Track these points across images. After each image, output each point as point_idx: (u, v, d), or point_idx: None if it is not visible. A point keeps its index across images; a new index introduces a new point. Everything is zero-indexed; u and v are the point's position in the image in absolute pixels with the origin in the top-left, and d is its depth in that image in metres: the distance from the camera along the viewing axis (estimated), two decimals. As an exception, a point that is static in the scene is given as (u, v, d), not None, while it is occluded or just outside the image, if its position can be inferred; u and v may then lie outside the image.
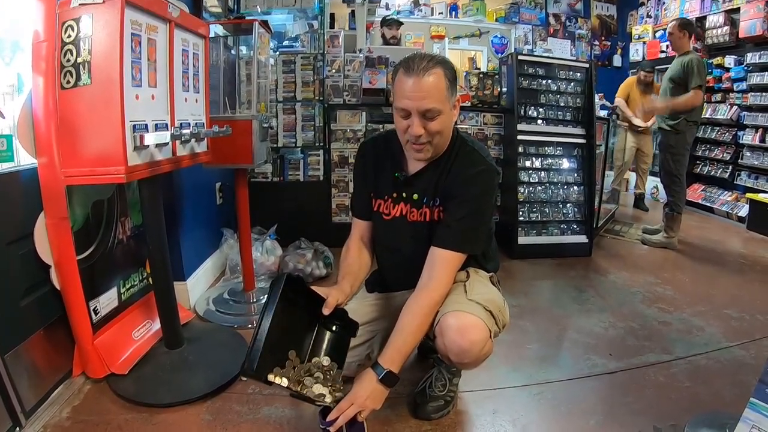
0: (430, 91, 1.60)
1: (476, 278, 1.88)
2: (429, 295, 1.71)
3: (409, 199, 1.83)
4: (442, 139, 1.71)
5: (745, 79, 5.70)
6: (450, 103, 1.67)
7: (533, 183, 4.23)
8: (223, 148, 2.54)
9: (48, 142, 1.73)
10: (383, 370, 1.61)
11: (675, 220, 4.50)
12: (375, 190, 1.91)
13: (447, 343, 1.69)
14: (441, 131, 1.67)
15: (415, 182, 1.82)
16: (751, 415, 1.53)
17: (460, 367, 1.86)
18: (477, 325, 1.69)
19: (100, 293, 2.11)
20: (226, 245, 3.45)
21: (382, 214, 1.90)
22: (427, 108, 1.61)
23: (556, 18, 8.32)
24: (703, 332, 2.73)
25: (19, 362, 1.76)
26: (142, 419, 1.86)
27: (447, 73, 1.63)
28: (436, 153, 1.75)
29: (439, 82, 1.61)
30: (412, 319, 1.68)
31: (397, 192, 1.85)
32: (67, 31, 1.67)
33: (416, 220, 1.83)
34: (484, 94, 4.34)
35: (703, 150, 6.39)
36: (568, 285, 3.50)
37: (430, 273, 1.72)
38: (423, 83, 1.59)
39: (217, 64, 2.77)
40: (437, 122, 1.64)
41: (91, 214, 2.06)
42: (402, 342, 1.66)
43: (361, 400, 1.57)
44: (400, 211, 1.86)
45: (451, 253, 1.72)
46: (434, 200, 1.79)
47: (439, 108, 1.62)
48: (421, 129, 1.63)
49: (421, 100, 1.60)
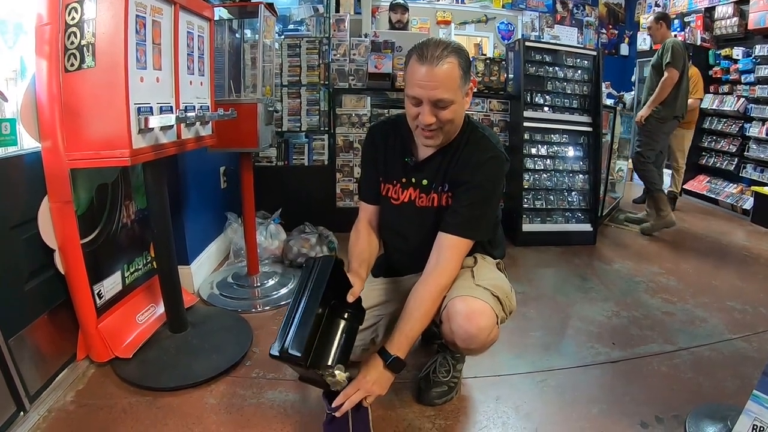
0: (443, 81, 1.56)
1: (483, 264, 1.88)
2: (436, 281, 1.70)
3: (418, 185, 1.82)
4: (452, 126, 1.69)
5: (753, 71, 5.65)
6: (463, 91, 1.64)
7: (538, 170, 4.21)
8: (227, 132, 2.53)
9: (52, 126, 1.73)
10: (390, 356, 1.62)
11: (660, 199, 4.52)
12: (384, 174, 1.90)
13: (454, 328, 1.69)
14: (452, 120, 1.65)
15: (424, 168, 1.81)
16: (753, 408, 1.53)
17: (466, 353, 1.86)
18: (485, 311, 1.69)
19: (104, 277, 2.11)
20: (230, 229, 3.45)
21: (391, 199, 1.89)
22: (439, 98, 1.58)
23: (564, 5, 8.27)
24: (707, 323, 2.72)
25: (24, 346, 1.77)
26: (146, 403, 1.87)
27: (461, 62, 1.60)
28: (446, 140, 1.72)
29: (452, 71, 1.57)
30: (419, 304, 1.68)
31: (406, 177, 1.84)
32: (71, 13, 1.65)
33: (425, 205, 1.82)
34: (491, 80, 4.30)
35: (708, 141, 6.36)
36: (572, 273, 3.49)
37: (438, 258, 1.72)
38: (436, 73, 1.55)
39: (222, 48, 2.75)
40: (449, 111, 1.61)
41: (96, 198, 2.06)
42: (409, 328, 1.66)
43: (368, 385, 1.58)
44: (409, 196, 1.85)
45: (458, 239, 1.71)
46: (443, 186, 1.78)
47: (451, 98, 1.59)
48: (432, 118, 1.61)
49: (433, 90, 1.57)
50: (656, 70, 4.42)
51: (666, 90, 4.28)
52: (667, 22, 4.56)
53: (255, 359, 2.21)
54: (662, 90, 4.30)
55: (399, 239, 1.98)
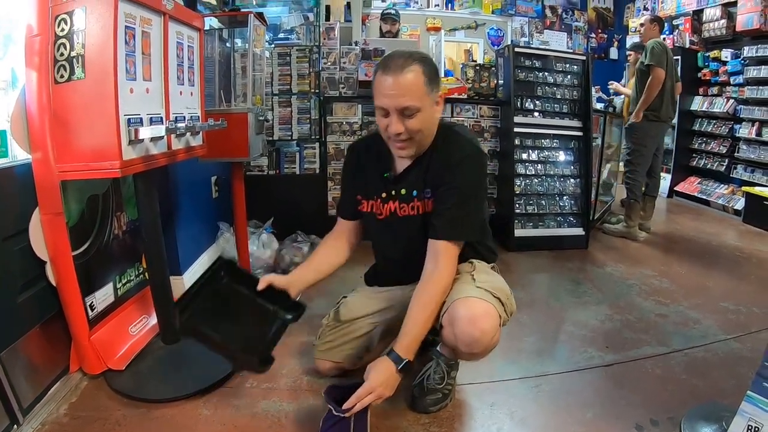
0: (408, 89, 1.60)
1: (481, 268, 1.89)
2: (436, 284, 1.72)
3: (397, 195, 1.84)
4: (423, 135, 1.71)
5: (741, 73, 5.72)
6: (431, 99, 1.67)
7: (530, 175, 4.23)
8: (218, 142, 2.52)
9: (42, 137, 1.72)
10: (402, 359, 1.63)
11: (632, 208, 4.56)
12: (364, 191, 1.93)
13: (458, 332, 1.69)
14: (421, 129, 1.67)
15: (403, 179, 1.84)
16: (747, 408, 1.54)
17: (468, 357, 1.84)
18: (488, 313, 1.69)
19: (96, 289, 2.10)
20: (222, 239, 3.44)
21: (376, 215, 1.91)
22: (404, 106, 1.61)
23: (553, 10, 8.31)
24: (700, 325, 2.73)
25: (16, 359, 1.75)
26: (140, 414, 1.86)
27: (426, 70, 1.63)
28: (420, 149, 1.76)
29: (417, 79, 1.60)
30: (423, 308, 1.69)
31: (386, 191, 1.87)
32: (61, 24, 1.65)
33: (408, 214, 1.83)
34: (481, 87, 4.32)
35: (699, 143, 6.41)
36: (565, 278, 3.50)
37: (434, 264, 1.73)
38: (400, 81, 1.59)
39: (212, 57, 2.75)
40: (416, 120, 1.64)
41: (87, 210, 2.05)
42: (416, 331, 1.67)
43: (380, 389, 1.58)
44: (389, 209, 1.87)
45: (447, 243, 1.72)
46: (424, 192, 1.79)
47: (417, 105, 1.62)
48: (400, 126, 1.63)
49: (398, 98, 1.60)
50: (641, 73, 4.45)
51: (653, 90, 4.29)
52: (660, 26, 4.60)
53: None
54: (650, 91, 4.31)
55: (390, 251, 2.01)
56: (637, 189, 4.56)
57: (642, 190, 4.62)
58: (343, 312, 2.08)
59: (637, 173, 4.56)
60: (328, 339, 2.05)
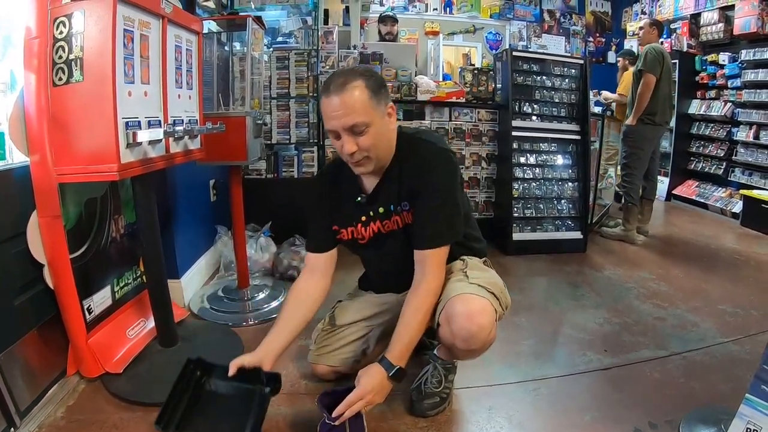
0: (352, 106, 1.57)
1: (472, 264, 1.89)
2: (425, 291, 1.72)
3: (377, 216, 1.83)
4: (380, 150, 1.68)
5: (739, 76, 5.73)
6: (379, 112, 1.63)
7: (528, 179, 4.22)
8: (216, 145, 2.52)
9: (40, 140, 1.72)
10: (394, 366, 1.64)
11: (630, 211, 4.57)
12: (341, 221, 1.89)
13: (455, 329, 1.68)
14: (374, 144, 1.64)
15: (376, 198, 1.81)
16: (746, 411, 1.53)
17: (465, 355, 1.83)
18: (485, 309, 1.69)
19: (93, 292, 2.10)
20: (220, 242, 3.44)
21: (357, 240, 1.89)
22: (352, 123, 1.58)
23: (551, 14, 8.32)
24: (698, 328, 2.73)
25: (13, 362, 1.75)
26: (137, 418, 1.85)
27: (369, 83, 1.60)
28: (381, 164, 1.73)
29: (360, 94, 1.57)
30: (414, 314, 1.69)
31: (364, 215, 1.84)
32: (59, 27, 1.65)
33: (391, 229, 1.83)
34: (479, 90, 4.33)
35: (697, 146, 6.42)
36: (563, 281, 3.50)
37: (423, 271, 1.73)
38: (345, 99, 1.56)
39: (211, 61, 2.75)
40: (368, 136, 1.61)
41: (84, 212, 2.05)
42: (408, 337, 1.68)
43: (370, 395, 1.59)
44: (372, 231, 1.85)
45: (432, 251, 1.72)
46: (401, 205, 1.77)
47: (364, 121, 1.59)
48: (353, 146, 1.61)
49: (344, 117, 1.57)
50: (636, 77, 4.46)
51: (645, 96, 4.31)
52: (659, 30, 4.62)
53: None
54: (641, 96, 4.33)
55: (380, 266, 2.03)
56: (634, 192, 4.57)
57: (639, 193, 4.63)
58: (339, 316, 2.08)
59: (634, 176, 4.57)
60: (324, 343, 2.05)
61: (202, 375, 1.74)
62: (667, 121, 4.59)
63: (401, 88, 4.06)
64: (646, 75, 4.27)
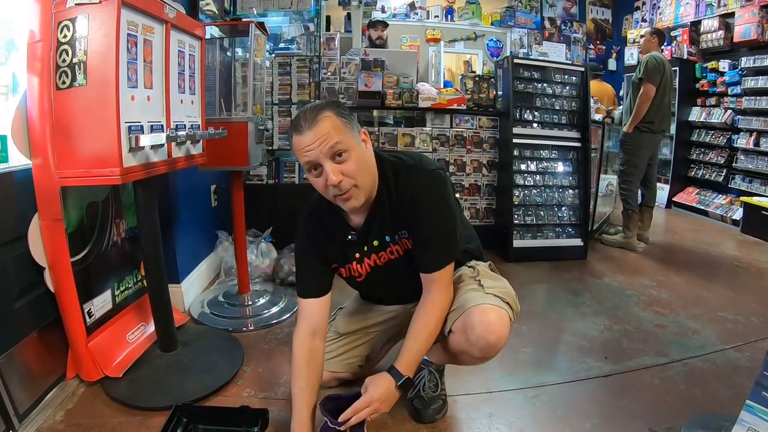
0: (328, 131, 1.50)
1: (483, 272, 1.88)
2: (435, 305, 1.71)
3: (371, 250, 1.78)
4: (365, 176, 1.60)
5: (739, 83, 5.74)
6: (355, 137, 1.58)
7: (528, 186, 4.23)
8: (218, 150, 2.53)
9: (43, 143, 1.72)
10: (402, 376, 1.64)
11: (630, 218, 4.58)
12: (336, 260, 1.82)
13: (473, 339, 1.67)
14: (359, 169, 1.56)
15: (369, 232, 1.75)
16: (747, 418, 1.53)
17: (474, 362, 1.81)
18: (502, 320, 1.68)
19: (94, 295, 2.10)
20: (220, 248, 3.44)
21: (355, 278, 1.85)
22: (331, 145, 1.50)
23: (552, 22, 8.35)
24: (699, 335, 2.73)
25: (13, 365, 1.75)
26: (136, 423, 1.85)
27: (338, 112, 1.55)
28: (369, 195, 1.66)
29: (332, 120, 1.52)
30: (424, 326, 1.70)
31: (358, 252, 1.79)
32: (63, 31, 1.66)
33: (389, 259, 1.78)
34: (480, 98, 4.33)
35: (697, 153, 6.43)
36: (564, 288, 3.50)
37: (430, 289, 1.72)
38: (318, 130, 1.50)
39: (213, 66, 2.76)
40: (350, 162, 1.54)
41: (86, 216, 2.05)
42: (417, 349, 1.69)
43: (377, 403, 1.59)
44: (368, 266, 1.81)
45: (439, 272, 1.70)
46: (398, 234, 1.74)
47: (344, 142, 1.52)
48: (338, 174, 1.52)
49: (322, 144, 1.50)
50: (634, 86, 4.48)
51: (643, 105, 4.32)
52: (660, 39, 4.63)
53: (246, 378, 2.19)
54: (640, 105, 4.34)
55: (381, 294, 2.03)
56: (632, 199, 4.58)
57: (638, 200, 4.63)
58: (342, 325, 2.07)
59: (631, 183, 4.59)
60: (328, 350, 1.99)
61: (189, 422, 1.74)
62: (665, 129, 4.59)
63: (402, 94, 4.06)
64: (645, 85, 4.29)
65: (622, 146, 4.64)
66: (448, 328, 1.75)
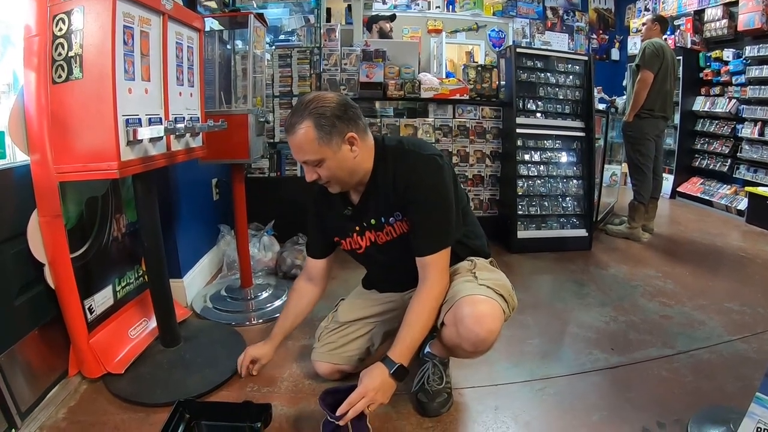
0: (301, 146, 1.63)
1: (480, 265, 1.88)
2: (429, 292, 1.71)
3: (369, 226, 1.84)
4: (341, 177, 1.72)
5: (743, 73, 5.70)
6: (332, 147, 1.63)
7: (532, 177, 4.20)
8: (218, 143, 2.51)
9: (40, 139, 1.70)
10: (395, 364, 1.64)
11: (636, 209, 4.55)
12: (337, 232, 1.95)
13: (463, 332, 1.67)
14: (333, 174, 1.69)
15: (365, 209, 1.83)
16: (757, 410, 1.51)
17: (467, 356, 1.81)
18: (494, 312, 1.67)
19: (95, 292, 2.08)
20: (222, 242, 3.42)
21: (356, 251, 1.92)
22: (304, 160, 1.67)
23: (554, 11, 8.30)
24: (705, 326, 2.71)
25: (14, 363, 1.73)
26: (139, 419, 1.84)
27: (316, 123, 1.59)
28: (349, 185, 1.79)
29: (306, 135, 1.61)
30: (418, 315, 1.69)
31: (358, 225, 1.86)
32: (59, 24, 1.63)
33: (387, 240, 1.83)
34: (483, 88, 4.30)
35: (701, 143, 6.39)
36: (569, 279, 3.48)
37: (425, 276, 1.73)
38: (295, 141, 1.64)
39: (213, 59, 2.73)
40: (324, 169, 1.67)
41: (85, 212, 2.03)
42: (410, 338, 1.68)
43: (372, 393, 1.59)
44: (368, 239, 1.87)
45: (434, 256, 1.71)
46: (394, 216, 1.78)
47: (315, 158, 1.64)
48: (312, 174, 1.70)
49: (298, 155, 1.67)
50: (634, 73, 4.45)
51: (641, 92, 4.30)
52: (663, 27, 4.56)
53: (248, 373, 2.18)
54: (638, 92, 4.32)
55: (380, 272, 2.06)
56: (645, 190, 4.53)
57: (650, 190, 4.59)
58: (342, 313, 2.08)
59: (642, 173, 4.54)
60: (328, 340, 2.05)
61: (192, 417, 1.73)
62: (666, 115, 4.54)
63: (404, 85, 4.03)
64: (643, 71, 4.27)
65: (626, 137, 4.61)
66: (441, 320, 1.75)
